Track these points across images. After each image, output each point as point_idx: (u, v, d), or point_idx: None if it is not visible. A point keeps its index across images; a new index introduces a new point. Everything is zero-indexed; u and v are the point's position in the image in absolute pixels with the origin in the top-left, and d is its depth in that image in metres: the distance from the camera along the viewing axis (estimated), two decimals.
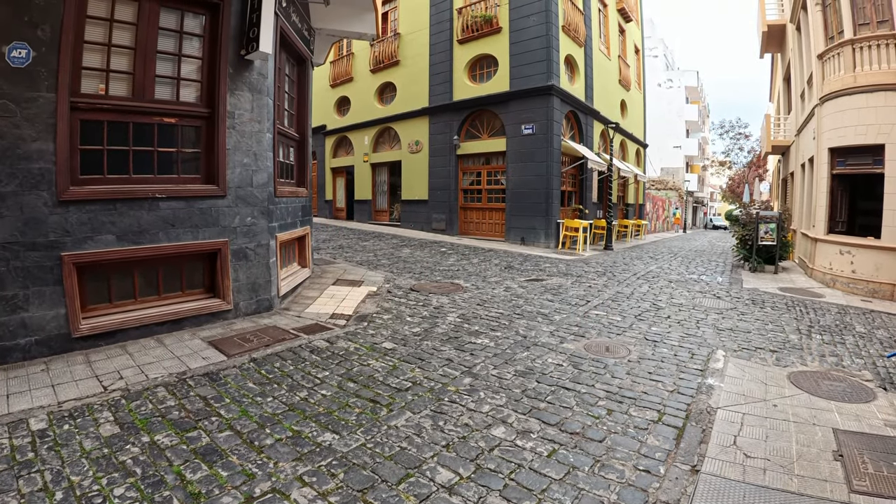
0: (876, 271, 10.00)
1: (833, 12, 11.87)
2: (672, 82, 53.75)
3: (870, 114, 10.39)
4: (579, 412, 3.80)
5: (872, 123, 10.32)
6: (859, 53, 10.76)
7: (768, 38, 21.05)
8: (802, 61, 15.59)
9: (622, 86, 23.87)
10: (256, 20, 5.92)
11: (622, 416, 3.75)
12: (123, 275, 5.27)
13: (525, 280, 9.69)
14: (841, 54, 11.14)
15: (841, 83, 11.07)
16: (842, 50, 11.10)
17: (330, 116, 24.40)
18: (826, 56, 11.76)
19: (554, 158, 16.04)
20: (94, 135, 5.01)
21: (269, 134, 6.44)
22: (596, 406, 3.92)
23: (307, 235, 8.55)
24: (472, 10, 18.09)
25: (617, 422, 3.66)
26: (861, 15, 11.09)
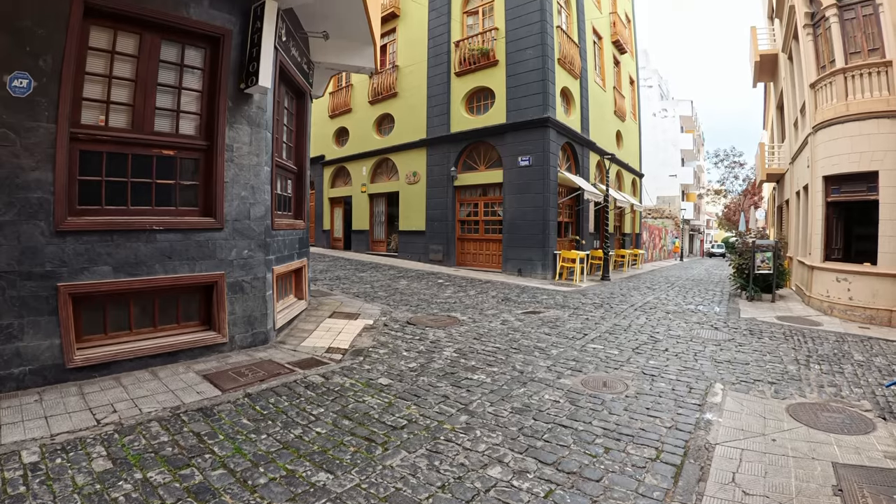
0: (873, 298, 10.02)
1: (824, 42, 12.07)
2: (667, 112, 54.39)
3: (863, 141, 10.52)
4: (576, 451, 3.76)
5: (865, 151, 10.44)
6: (851, 82, 10.93)
7: (761, 68, 21.38)
8: (795, 90, 15.81)
9: (618, 116, 24.15)
10: (256, 54, 6.01)
11: (619, 455, 3.71)
12: (119, 306, 5.26)
13: (522, 313, 9.67)
14: (833, 83, 11.31)
15: (833, 112, 11.21)
16: (834, 79, 11.28)
17: (328, 147, 24.60)
18: (818, 85, 11.93)
19: (550, 190, 16.14)
20: (93, 166, 5.05)
21: (267, 167, 6.48)
22: (593, 444, 3.89)
23: (304, 267, 8.54)
24: (469, 44, 18.38)
25: (614, 460, 3.62)
26: (852, 44, 11.28)
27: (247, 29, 6.19)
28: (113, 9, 5.09)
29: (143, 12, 5.28)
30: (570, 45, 18.37)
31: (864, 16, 11.12)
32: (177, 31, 5.65)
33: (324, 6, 7.48)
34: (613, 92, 23.70)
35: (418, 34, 20.37)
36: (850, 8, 11.34)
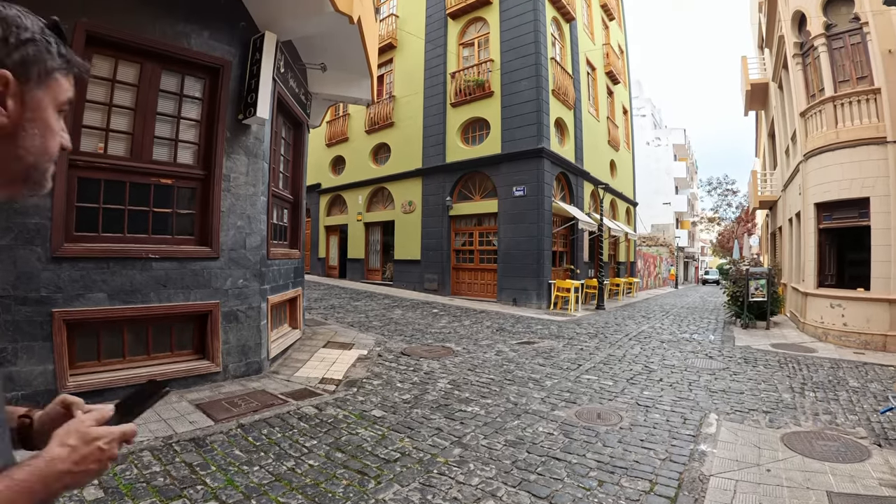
0: (867, 323, 10.07)
1: (813, 70, 12.30)
2: (660, 140, 54.94)
3: (853, 168, 10.67)
4: (570, 483, 3.74)
5: (856, 178, 10.58)
6: (840, 110, 11.12)
7: (752, 97, 21.71)
8: (785, 118, 16.05)
9: (611, 146, 24.41)
10: (255, 86, 6.10)
11: (613, 488, 3.70)
12: (113, 333, 5.25)
13: (517, 343, 9.66)
14: (823, 111, 11.50)
15: (824, 139, 11.38)
16: (823, 107, 11.47)
17: (325, 175, 24.75)
18: (808, 114, 12.13)
19: (545, 220, 16.23)
20: (90, 192, 5.10)
21: (263, 197, 6.53)
22: (587, 477, 3.87)
23: (299, 297, 8.55)
24: (465, 75, 18.64)
25: (608, 493, 3.60)
26: (841, 72, 11.50)
27: (246, 60, 6.29)
28: (115, 38, 5.19)
29: (144, 42, 5.38)
30: (565, 76, 18.65)
31: (853, 44, 11.37)
32: (177, 61, 5.75)
33: (322, 39, 7.61)
34: (607, 122, 24.01)
35: (415, 65, 20.67)
36: (839, 37, 11.60)
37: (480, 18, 18.88)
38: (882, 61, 10.48)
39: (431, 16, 20.28)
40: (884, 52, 10.47)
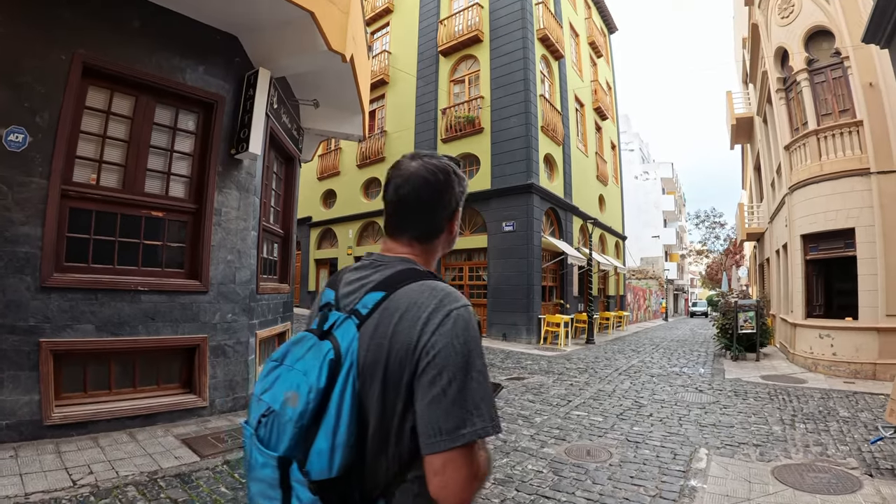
0: (856, 352, 10.14)
1: (797, 105, 12.59)
2: (648, 174, 55.63)
3: (838, 200, 10.85)
4: None
5: (841, 209, 10.76)
6: (824, 142, 11.35)
7: (737, 131, 22.14)
8: (770, 152, 16.34)
9: (600, 181, 24.70)
10: (248, 121, 6.17)
11: None
12: (100, 365, 5.19)
13: (506, 379, 9.62)
14: (806, 144, 11.74)
15: (808, 172, 11.59)
16: (807, 140, 11.71)
17: (316, 208, 24.82)
18: (792, 147, 12.38)
19: (534, 255, 16.32)
20: (81, 223, 5.10)
21: (254, 232, 6.55)
22: None
23: (287, 331, 8.50)
24: (455, 111, 18.92)
25: None
26: (823, 106, 11.78)
27: (240, 95, 6.38)
28: (111, 70, 5.26)
29: (139, 75, 5.46)
30: (553, 112, 18.96)
31: (834, 78, 11.68)
32: (172, 95, 5.83)
33: (315, 76, 7.73)
34: (595, 157, 24.34)
35: (406, 101, 20.97)
36: (820, 72, 11.92)
37: (471, 56, 19.26)
38: (863, 94, 10.76)
39: (423, 53, 20.66)
40: (865, 85, 10.75)
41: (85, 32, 5.04)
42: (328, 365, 1.05)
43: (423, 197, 1.25)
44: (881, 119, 10.48)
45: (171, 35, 5.76)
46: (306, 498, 1.00)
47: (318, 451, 1.01)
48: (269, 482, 1.04)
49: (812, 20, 11.97)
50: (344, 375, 1.04)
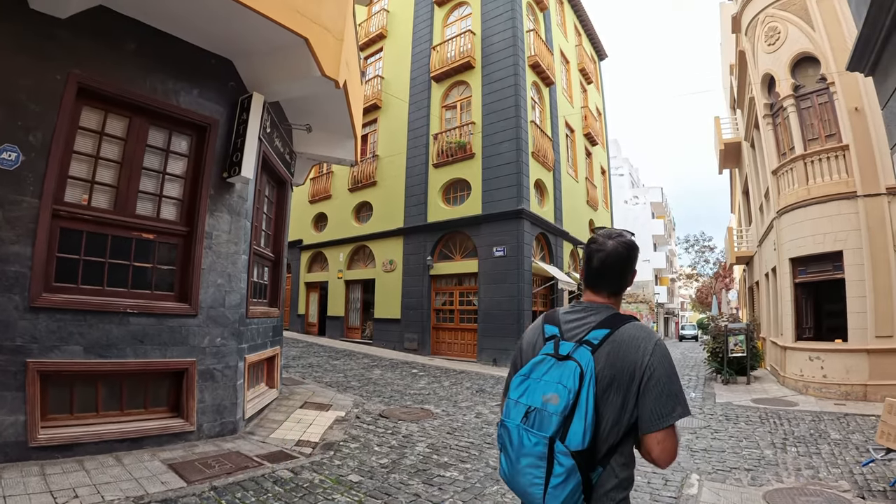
0: (847, 374, 10.20)
1: (783, 130, 12.79)
2: (638, 199, 56.22)
3: (825, 223, 10.99)
4: None
5: (829, 232, 10.90)
6: (811, 167, 11.53)
7: (725, 156, 22.43)
8: (758, 176, 16.54)
9: (590, 206, 24.87)
10: (241, 145, 6.19)
11: None
12: (87, 387, 5.11)
13: (497, 405, 9.55)
14: (794, 169, 11.91)
15: (796, 196, 11.74)
16: (794, 165, 11.88)
17: (307, 231, 24.78)
18: (780, 171, 12.55)
19: (525, 280, 16.33)
20: (72, 243, 5.06)
21: (244, 255, 6.54)
22: None
23: (277, 356, 8.44)
24: (447, 137, 19.06)
25: None
26: (810, 131, 11.98)
27: (233, 119, 6.41)
28: (106, 91, 5.27)
29: (134, 97, 5.48)
30: (544, 138, 19.15)
31: (820, 104, 11.91)
32: (165, 117, 5.85)
33: (309, 101, 7.79)
34: (586, 182, 24.54)
35: (398, 125, 21.12)
36: (806, 97, 12.15)
37: (463, 82, 19.47)
38: (849, 119, 10.97)
39: (416, 78, 20.87)
40: (850, 110, 10.96)
41: (81, 53, 5.06)
42: (577, 376, 1.60)
43: (617, 267, 1.86)
44: (867, 143, 10.68)
45: (167, 58, 5.80)
46: (567, 463, 1.53)
47: (574, 432, 1.55)
48: (538, 455, 1.57)
49: (798, 47, 12.23)
50: (587, 383, 1.59)
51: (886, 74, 4.97)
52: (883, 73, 5.08)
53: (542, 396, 1.62)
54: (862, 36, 4.97)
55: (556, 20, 23.32)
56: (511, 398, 1.71)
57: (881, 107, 5.22)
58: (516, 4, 18.58)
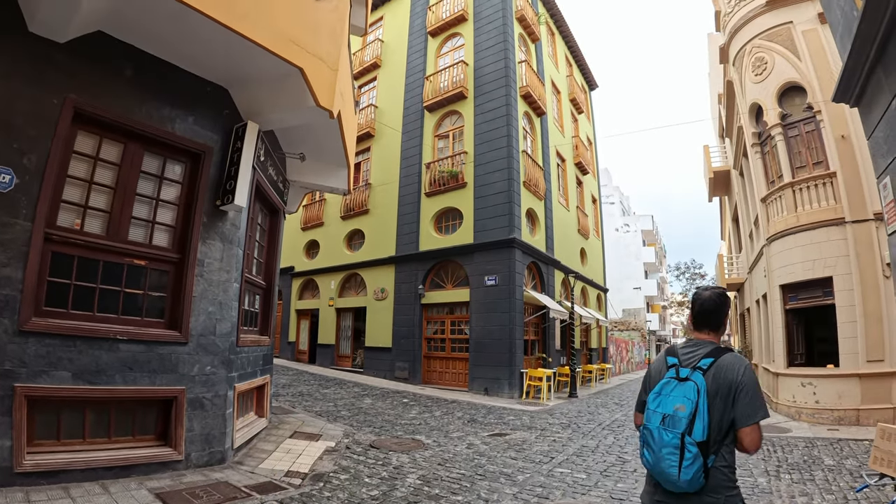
0: (839, 399, 10.23)
1: (772, 158, 12.99)
2: (629, 227, 56.59)
3: (814, 249, 11.11)
4: None
5: (818, 258, 11.01)
6: (799, 194, 11.69)
7: (715, 184, 22.71)
8: (748, 204, 16.73)
9: (581, 234, 25.00)
10: (234, 173, 6.22)
11: None
12: (75, 413, 5.04)
13: (488, 435, 9.47)
14: (782, 196, 12.07)
15: (785, 223, 11.88)
16: (783, 192, 12.04)
17: (299, 258, 24.72)
18: (769, 199, 12.71)
19: (516, 309, 16.32)
20: (63, 268, 5.03)
21: (236, 284, 6.52)
22: None
23: (267, 384, 8.36)
24: (439, 166, 19.18)
25: None
26: (798, 158, 12.18)
27: (227, 147, 6.45)
28: (101, 117, 5.30)
29: (129, 123, 5.51)
30: (535, 168, 19.32)
31: (807, 132, 12.13)
32: (160, 144, 5.88)
33: (302, 130, 7.85)
34: (577, 211, 24.72)
35: (391, 154, 21.26)
36: (794, 126, 12.37)
37: (456, 112, 19.69)
38: (836, 146, 11.18)
39: (409, 108, 21.09)
40: (837, 137, 11.17)
41: (78, 77, 5.10)
42: (696, 392, 2.32)
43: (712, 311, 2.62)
44: (854, 169, 10.87)
45: (163, 84, 5.85)
46: (693, 450, 2.23)
47: (697, 429, 2.26)
48: (674, 446, 2.28)
49: (785, 77, 12.49)
50: (702, 396, 2.30)
51: (871, 105, 5.08)
52: (868, 104, 5.19)
53: (674, 406, 2.37)
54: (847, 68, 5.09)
55: (547, 51, 23.73)
56: (650, 409, 2.47)
57: (867, 137, 5.33)
58: (508, 36, 18.92)
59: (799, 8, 12.63)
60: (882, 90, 4.66)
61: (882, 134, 4.79)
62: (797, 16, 12.62)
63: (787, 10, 12.83)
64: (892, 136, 4.54)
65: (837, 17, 5.39)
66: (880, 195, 5.13)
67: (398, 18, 23.44)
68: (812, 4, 12.24)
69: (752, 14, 13.61)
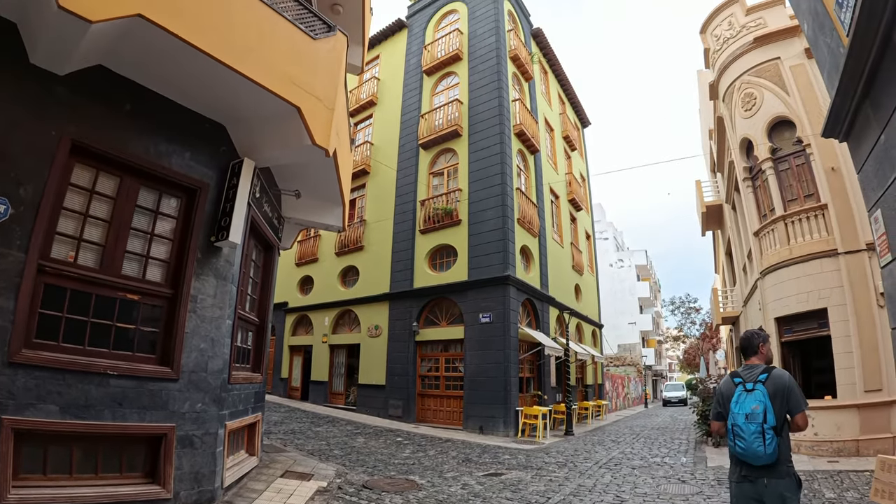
0: (838, 430, 10.18)
1: (763, 192, 13.13)
2: (623, 262, 56.87)
3: (808, 281, 11.16)
4: None
5: (812, 290, 11.05)
6: (791, 227, 11.79)
7: (708, 218, 22.88)
8: (741, 237, 16.84)
9: (576, 271, 25.07)
10: (229, 209, 6.22)
11: None
12: (62, 447, 4.90)
13: (483, 475, 9.32)
14: (775, 230, 12.17)
15: (778, 256, 11.95)
16: (775, 226, 12.14)
17: (292, 294, 24.61)
18: (761, 233, 12.82)
19: (511, 346, 16.25)
20: (55, 300, 4.97)
21: (229, 320, 6.47)
22: None
23: (258, 422, 8.23)
24: (434, 203, 19.31)
25: None
26: (789, 192, 12.32)
27: (223, 183, 6.46)
28: (99, 150, 5.30)
29: (127, 157, 5.52)
30: (529, 205, 19.47)
31: (798, 165, 12.30)
32: (156, 178, 5.87)
33: (298, 167, 7.91)
34: (571, 247, 24.83)
35: (386, 191, 21.41)
36: (784, 160, 12.56)
37: (450, 150, 19.92)
38: (826, 178, 11.33)
39: (404, 145, 21.34)
40: (827, 169, 11.32)
41: (77, 110, 5.13)
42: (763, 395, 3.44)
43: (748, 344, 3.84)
44: (845, 201, 11.00)
45: (161, 120, 5.90)
46: (770, 433, 3.33)
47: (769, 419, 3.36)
48: (757, 433, 3.35)
49: (774, 112, 12.73)
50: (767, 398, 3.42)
51: (860, 140, 5.16)
52: (856, 138, 5.27)
53: (751, 406, 3.44)
54: (835, 104, 5.19)
55: (540, 89, 24.16)
56: (734, 412, 3.53)
57: (856, 171, 5.39)
58: (502, 75, 19.27)
59: (786, 44, 12.99)
60: (870, 125, 4.74)
61: (871, 168, 4.86)
62: (784, 51, 12.96)
63: (775, 47, 13.18)
64: (881, 169, 4.60)
65: (824, 53, 5.50)
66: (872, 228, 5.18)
67: (394, 57, 23.90)
68: (799, 40, 12.57)
69: (740, 51, 13.96)
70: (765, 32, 13.44)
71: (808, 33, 6.02)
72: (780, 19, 13.44)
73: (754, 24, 13.78)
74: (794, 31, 12.71)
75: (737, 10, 14.44)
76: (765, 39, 13.35)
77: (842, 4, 4.42)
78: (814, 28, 5.65)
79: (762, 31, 13.50)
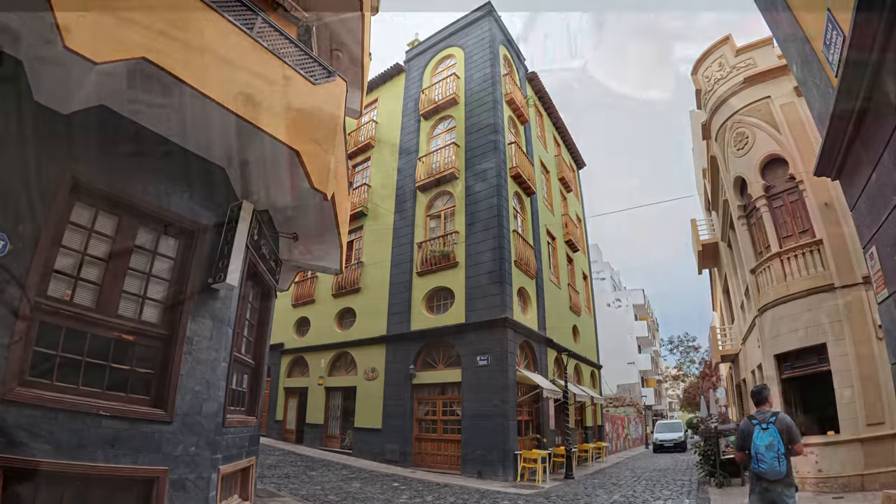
0: (841, 466, 10.08)
1: (758, 229, 13.22)
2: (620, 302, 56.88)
3: (807, 317, 11.21)
4: None
5: (811, 325, 11.04)
6: (787, 264, 11.83)
7: (704, 256, 22.99)
8: (737, 275, 16.88)
9: (573, 311, 25.02)
10: (227, 252, 6.24)
11: None
12: (52, 487, 4.79)
13: None
14: (771, 266, 12.21)
15: (775, 293, 11.95)
16: (771, 263, 12.18)
17: (289, 335, 24.43)
18: (758, 270, 12.85)
19: (509, 389, 16.10)
20: (51, 339, 4.93)
21: (224, 363, 6.45)
22: None
23: (252, 466, 8.10)
24: (431, 245, 19.38)
25: None
26: (783, 228, 12.41)
27: (221, 225, 6.49)
28: (99, 189, 5.36)
29: (126, 197, 5.57)
30: (526, 247, 19.55)
31: (792, 202, 12.41)
32: (155, 219, 5.92)
33: (297, 211, 7.97)
34: (568, 288, 24.85)
35: (384, 233, 21.51)
36: (778, 197, 12.67)
37: (447, 192, 20.11)
38: (820, 214, 11.44)
39: (402, 187, 21.55)
40: (821, 205, 11.43)
41: (78, 148, 5.18)
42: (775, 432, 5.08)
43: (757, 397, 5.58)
44: (839, 235, 11.07)
45: (161, 161, 5.97)
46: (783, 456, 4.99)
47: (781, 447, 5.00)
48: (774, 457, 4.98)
49: (766, 150, 12.93)
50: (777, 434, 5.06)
51: (852, 178, 5.24)
52: (849, 176, 5.36)
53: (769, 440, 4.98)
54: (826, 144, 5.28)
55: (536, 132, 24.54)
56: (756, 443, 5.05)
57: (850, 208, 5.46)
58: (498, 118, 19.61)
59: (776, 83, 13.28)
60: (862, 163, 4.82)
61: (865, 205, 4.92)
62: (774, 90, 13.24)
63: (765, 86, 13.47)
64: (874, 206, 4.66)
65: (814, 94, 5.61)
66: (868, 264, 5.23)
67: (392, 100, 24.34)
68: (788, 79, 12.84)
69: (731, 91, 14.25)
70: (755, 72, 13.77)
71: (798, 74, 6.16)
72: (769, 59, 13.78)
73: (744, 65, 14.12)
74: (783, 70, 13.01)
75: (727, 51, 14.80)
76: (755, 79, 13.66)
77: (829, 45, 4.52)
78: (802, 69, 5.78)
79: (752, 71, 13.83)
